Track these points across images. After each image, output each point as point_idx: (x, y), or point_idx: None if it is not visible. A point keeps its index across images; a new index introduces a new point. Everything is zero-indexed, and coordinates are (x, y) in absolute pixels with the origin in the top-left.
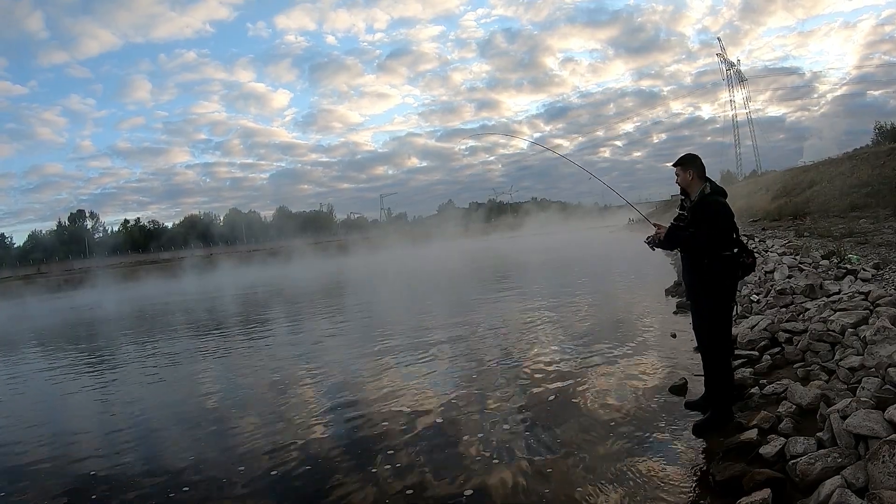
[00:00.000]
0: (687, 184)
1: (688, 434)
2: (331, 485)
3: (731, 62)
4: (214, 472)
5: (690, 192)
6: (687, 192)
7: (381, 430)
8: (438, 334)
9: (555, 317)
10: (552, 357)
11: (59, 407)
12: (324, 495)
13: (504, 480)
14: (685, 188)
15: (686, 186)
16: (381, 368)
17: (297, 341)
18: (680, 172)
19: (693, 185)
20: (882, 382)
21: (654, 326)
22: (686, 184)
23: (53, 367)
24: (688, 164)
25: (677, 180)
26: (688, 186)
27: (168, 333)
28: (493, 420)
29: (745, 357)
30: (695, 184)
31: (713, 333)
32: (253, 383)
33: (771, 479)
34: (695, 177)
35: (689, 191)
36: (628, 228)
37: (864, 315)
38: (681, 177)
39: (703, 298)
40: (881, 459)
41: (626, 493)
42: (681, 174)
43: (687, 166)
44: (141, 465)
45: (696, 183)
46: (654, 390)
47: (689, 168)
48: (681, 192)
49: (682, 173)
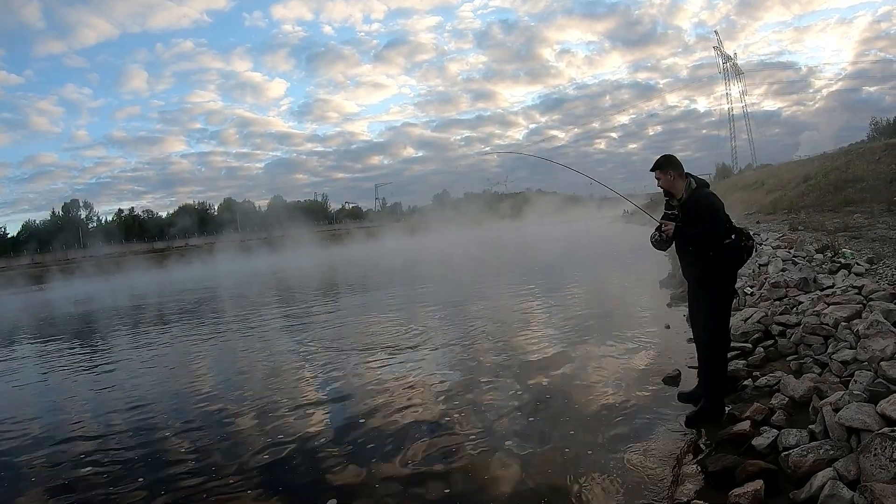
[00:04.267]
0: (670, 185)
1: (681, 425)
2: (323, 473)
3: (727, 55)
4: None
5: (675, 191)
6: (671, 192)
7: (379, 419)
8: (431, 323)
9: (551, 306)
10: (546, 346)
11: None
12: (317, 483)
13: (497, 470)
14: (668, 189)
15: (669, 188)
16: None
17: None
18: (660, 176)
19: (676, 184)
20: (874, 376)
21: (649, 317)
22: (669, 185)
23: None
24: (666, 166)
25: (659, 184)
26: (671, 187)
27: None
28: (486, 409)
29: (739, 349)
30: (678, 183)
31: (716, 325)
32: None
33: (763, 470)
34: (676, 177)
35: (672, 191)
36: (623, 220)
37: (857, 309)
38: (662, 180)
39: (710, 289)
40: (873, 452)
41: (618, 483)
42: (661, 177)
43: (666, 168)
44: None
45: (678, 182)
46: (647, 381)
47: (669, 170)
48: (665, 194)
49: (663, 176)
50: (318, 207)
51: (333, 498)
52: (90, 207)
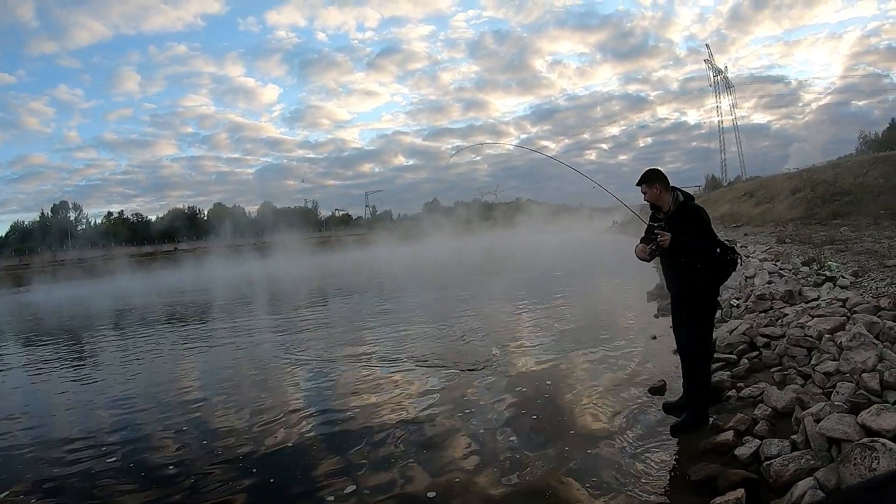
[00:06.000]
0: (656, 198)
1: (665, 434)
2: (308, 478)
3: (718, 69)
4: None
5: (661, 205)
6: (657, 206)
7: (366, 422)
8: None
9: (539, 316)
10: (533, 356)
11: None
12: (302, 487)
13: (479, 480)
14: (655, 203)
15: (655, 201)
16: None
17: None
18: (647, 189)
19: (663, 197)
20: (856, 387)
21: (636, 328)
22: (655, 199)
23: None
24: (652, 179)
25: (645, 197)
26: (657, 200)
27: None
28: (471, 419)
29: (724, 360)
30: (664, 196)
31: (700, 336)
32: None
33: (745, 479)
34: (662, 190)
35: (659, 204)
36: (612, 231)
37: (841, 321)
38: (649, 193)
39: (695, 302)
40: (853, 462)
41: (602, 491)
42: (648, 191)
43: (652, 182)
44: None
45: (665, 195)
46: (633, 391)
47: (655, 183)
48: (651, 207)
49: (650, 190)
50: (308, 214)
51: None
52: (79, 209)
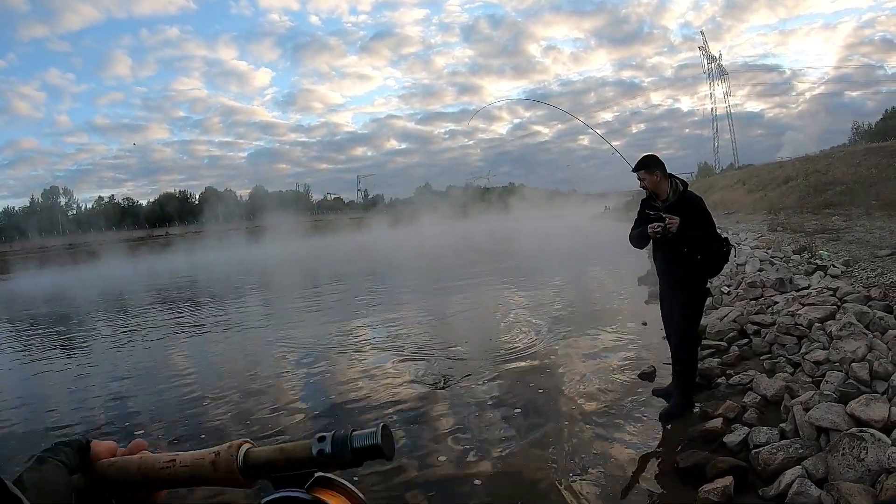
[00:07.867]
0: (655, 185)
1: (654, 421)
2: None
3: (712, 56)
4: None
5: (660, 192)
6: (655, 193)
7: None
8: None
9: (529, 301)
10: (523, 342)
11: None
12: None
13: (469, 466)
14: (653, 190)
15: (654, 188)
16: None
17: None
18: (646, 175)
19: (661, 185)
20: (845, 377)
21: (626, 313)
22: (654, 186)
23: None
24: (653, 165)
25: (643, 184)
26: (656, 188)
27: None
28: (460, 403)
29: (714, 347)
30: (663, 183)
31: (690, 323)
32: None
33: (734, 467)
34: (661, 177)
35: (657, 192)
36: (605, 216)
37: (831, 310)
38: (648, 180)
39: (688, 290)
40: (841, 451)
41: (591, 477)
42: (647, 177)
43: (652, 168)
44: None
45: (664, 182)
46: (623, 376)
47: (655, 170)
48: (648, 194)
49: (649, 176)
50: (300, 198)
51: None
52: (70, 194)
